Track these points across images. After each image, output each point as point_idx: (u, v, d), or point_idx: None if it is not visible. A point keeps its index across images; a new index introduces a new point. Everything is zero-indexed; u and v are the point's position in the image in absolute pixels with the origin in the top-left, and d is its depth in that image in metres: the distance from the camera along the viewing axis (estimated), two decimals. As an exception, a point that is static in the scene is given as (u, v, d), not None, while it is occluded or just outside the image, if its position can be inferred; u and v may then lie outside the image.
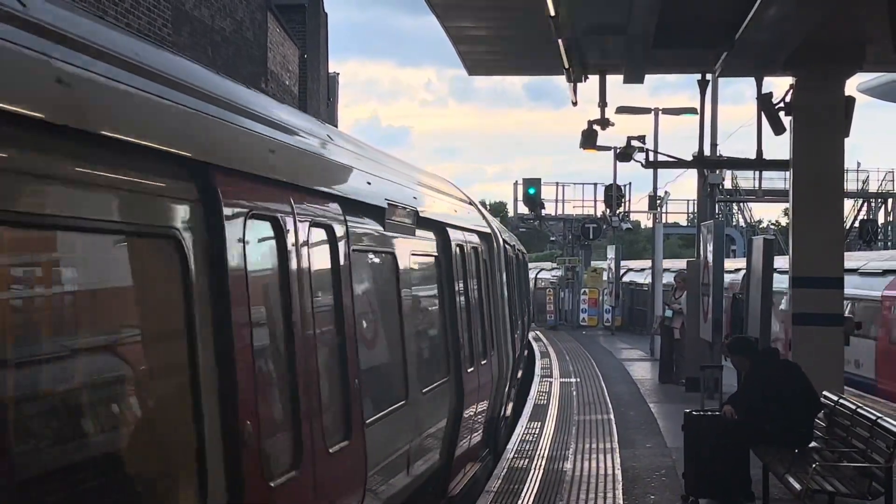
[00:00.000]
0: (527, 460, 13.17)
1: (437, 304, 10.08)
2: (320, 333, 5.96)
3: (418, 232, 9.22)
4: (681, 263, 32.86)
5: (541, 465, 12.85)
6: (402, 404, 7.99)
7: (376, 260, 7.98)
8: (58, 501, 3.62)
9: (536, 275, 49.54)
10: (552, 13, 11.62)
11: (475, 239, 12.29)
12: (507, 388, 14.37)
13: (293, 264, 5.59)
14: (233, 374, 4.59)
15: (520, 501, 10.94)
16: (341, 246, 6.50)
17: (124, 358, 4.12)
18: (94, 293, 3.96)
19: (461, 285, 10.89)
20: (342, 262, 6.48)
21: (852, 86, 16.42)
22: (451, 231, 10.57)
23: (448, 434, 9.89)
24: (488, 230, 13.67)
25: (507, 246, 14.26)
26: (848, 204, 48.37)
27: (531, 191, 39.32)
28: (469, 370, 10.94)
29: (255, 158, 5.25)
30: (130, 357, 4.13)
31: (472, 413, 10.83)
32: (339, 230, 6.49)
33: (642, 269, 39.56)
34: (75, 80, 3.61)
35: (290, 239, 5.53)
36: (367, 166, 7.76)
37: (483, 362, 12.00)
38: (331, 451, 5.86)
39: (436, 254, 10.11)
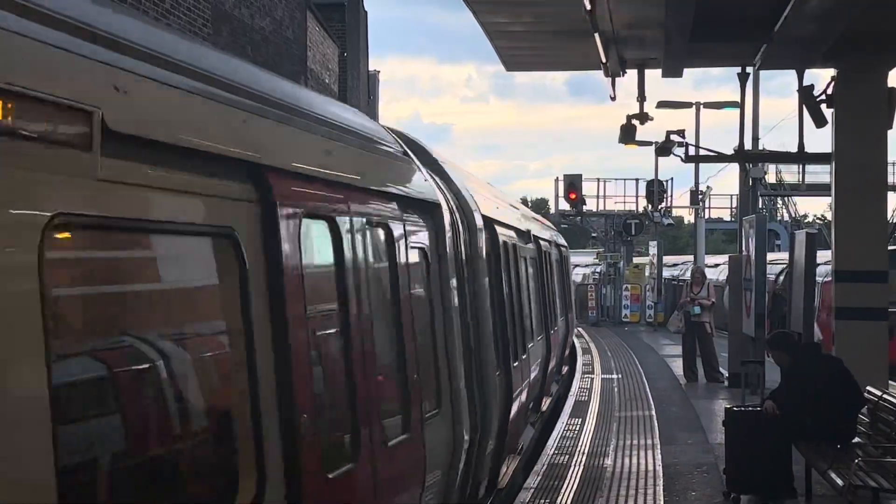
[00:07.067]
0: (567, 456, 13.14)
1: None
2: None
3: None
4: (724, 259, 32.63)
5: (581, 462, 12.81)
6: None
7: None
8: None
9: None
10: (588, 7, 11.57)
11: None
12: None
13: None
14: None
15: (560, 497, 10.92)
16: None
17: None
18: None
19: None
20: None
21: (896, 77, 16.21)
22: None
23: None
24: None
25: (524, 239, 14.54)
26: (894, 197, 47.70)
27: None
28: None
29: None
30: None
31: None
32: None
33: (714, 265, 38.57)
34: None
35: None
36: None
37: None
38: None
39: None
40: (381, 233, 6.34)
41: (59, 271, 3.21)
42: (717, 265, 36.10)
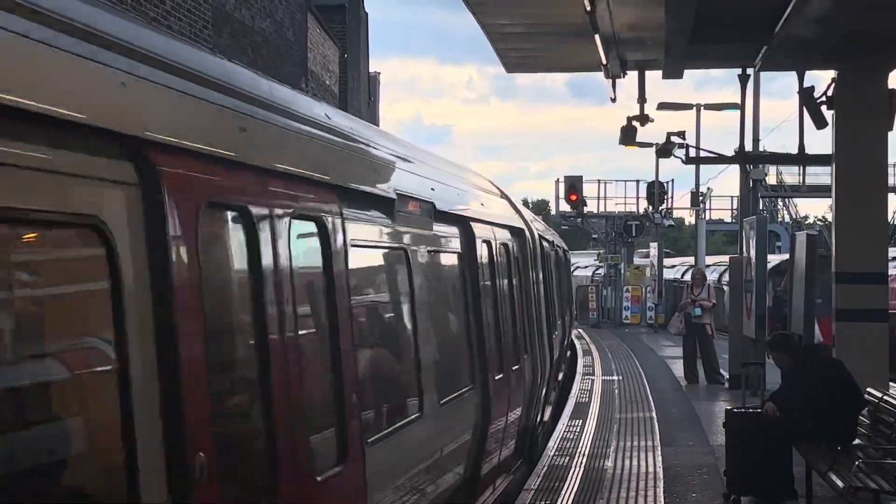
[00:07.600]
0: (567, 458, 13.14)
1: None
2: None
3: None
4: (725, 260, 32.66)
5: (582, 463, 12.81)
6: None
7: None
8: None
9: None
10: (588, 8, 11.58)
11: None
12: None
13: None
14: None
15: (560, 499, 10.91)
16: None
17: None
18: None
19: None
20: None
21: (897, 79, 16.20)
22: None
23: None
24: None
25: (551, 246, 18.60)
26: (894, 199, 47.62)
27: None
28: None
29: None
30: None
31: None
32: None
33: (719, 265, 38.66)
34: None
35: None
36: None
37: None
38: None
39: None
40: (506, 247, 11.58)
41: (429, 269, 8.18)
42: (674, 266, 35.52)
